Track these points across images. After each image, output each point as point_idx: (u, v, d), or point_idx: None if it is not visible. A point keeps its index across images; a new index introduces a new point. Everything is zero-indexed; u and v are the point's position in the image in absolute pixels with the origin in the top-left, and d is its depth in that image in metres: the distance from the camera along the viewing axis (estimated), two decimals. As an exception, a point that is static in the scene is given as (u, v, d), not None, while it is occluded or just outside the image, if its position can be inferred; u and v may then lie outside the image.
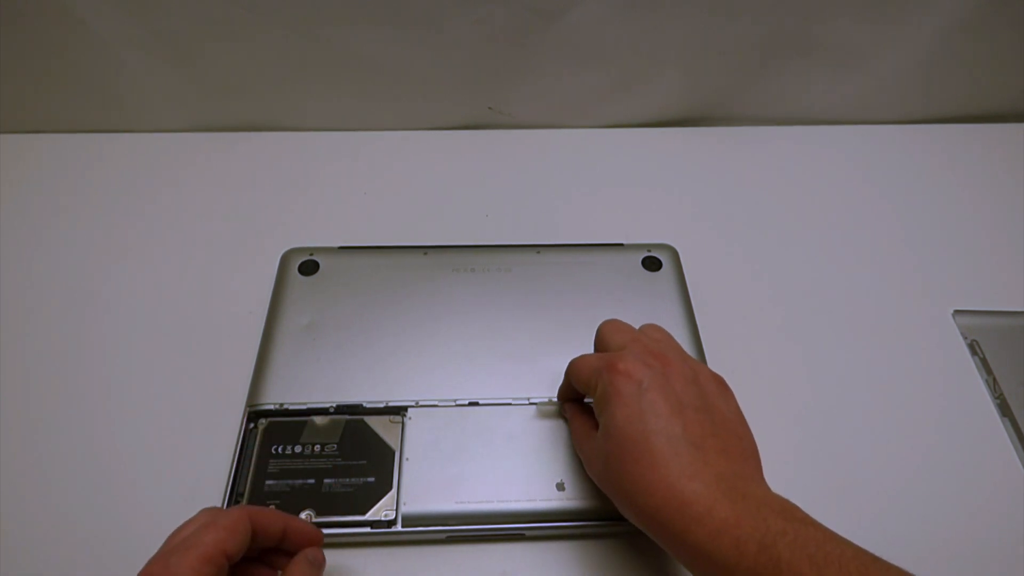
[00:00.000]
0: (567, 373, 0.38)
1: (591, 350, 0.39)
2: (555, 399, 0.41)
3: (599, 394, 0.34)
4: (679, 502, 0.29)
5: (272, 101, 0.61)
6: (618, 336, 0.36)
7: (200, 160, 0.60)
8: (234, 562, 0.30)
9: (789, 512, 0.29)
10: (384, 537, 0.37)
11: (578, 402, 0.39)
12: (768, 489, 0.31)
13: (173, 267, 0.51)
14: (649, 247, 0.49)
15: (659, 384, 0.32)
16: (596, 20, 0.55)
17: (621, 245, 0.50)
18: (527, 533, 0.38)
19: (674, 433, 0.31)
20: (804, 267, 0.53)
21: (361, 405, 0.41)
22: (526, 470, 0.39)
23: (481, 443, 0.39)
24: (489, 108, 0.62)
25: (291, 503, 0.37)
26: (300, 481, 0.38)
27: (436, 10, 0.54)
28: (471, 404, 0.41)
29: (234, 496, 0.37)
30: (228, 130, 0.62)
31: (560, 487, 0.38)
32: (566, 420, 0.40)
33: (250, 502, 0.37)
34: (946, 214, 0.57)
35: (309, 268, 0.47)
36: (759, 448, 0.33)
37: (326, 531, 0.37)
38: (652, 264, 0.48)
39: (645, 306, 0.46)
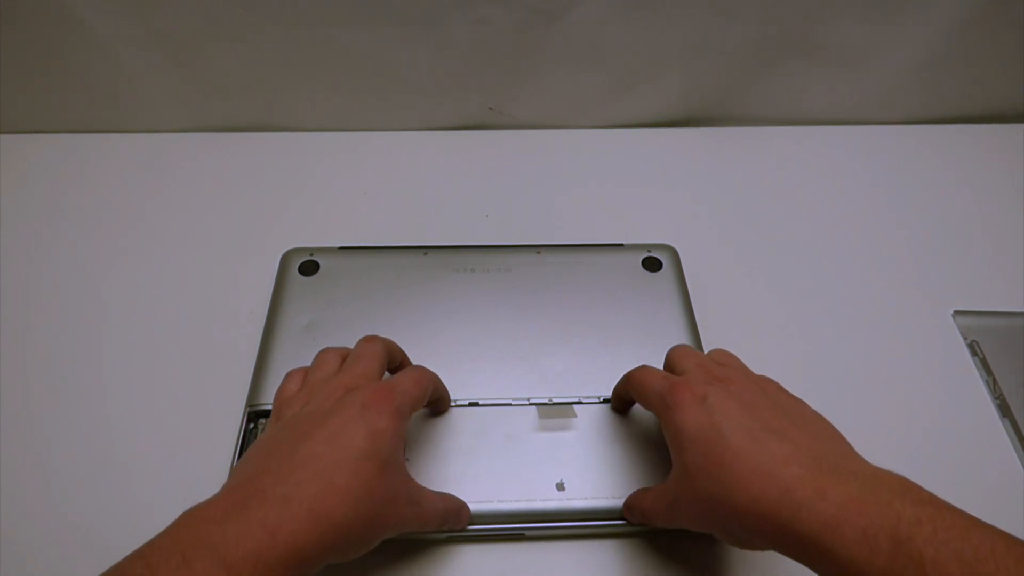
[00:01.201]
0: (628, 384, 0.37)
1: (591, 351, 0.39)
2: (555, 399, 0.41)
3: (664, 418, 0.32)
4: (780, 488, 0.26)
5: (272, 101, 0.61)
6: (684, 361, 0.35)
7: (200, 160, 0.60)
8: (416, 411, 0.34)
9: (914, 492, 0.25)
10: (384, 537, 0.37)
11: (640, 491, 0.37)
12: (874, 466, 0.28)
13: (173, 268, 0.51)
14: (649, 247, 0.49)
15: (723, 396, 0.31)
16: (596, 20, 0.55)
17: (621, 245, 0.50)
18: (527, 533, 0.38)
19: (751, 426, 0.29)
20: (804, 267, 0.53)
21: (361, 405, 0.41)
22: (526, 470, 0.38)
23: (481, 443, 0.39)
24: (489, 108, 0.62)
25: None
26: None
27: (436, 10, 0.54)
28: (471, 404, 0.41)
29: None
30: (228, 130, 0.62)
31: (560, 487, 0.38)
32: (636, 514, 0.37)
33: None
34: (946, 214, 0.57)
35: (309, 268, 0.47)
36: None
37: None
38: (652, 264, 0.48)
39: (645, 307, 0.46)
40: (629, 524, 0.37)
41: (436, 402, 0.39)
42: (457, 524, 0.36)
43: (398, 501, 0.31)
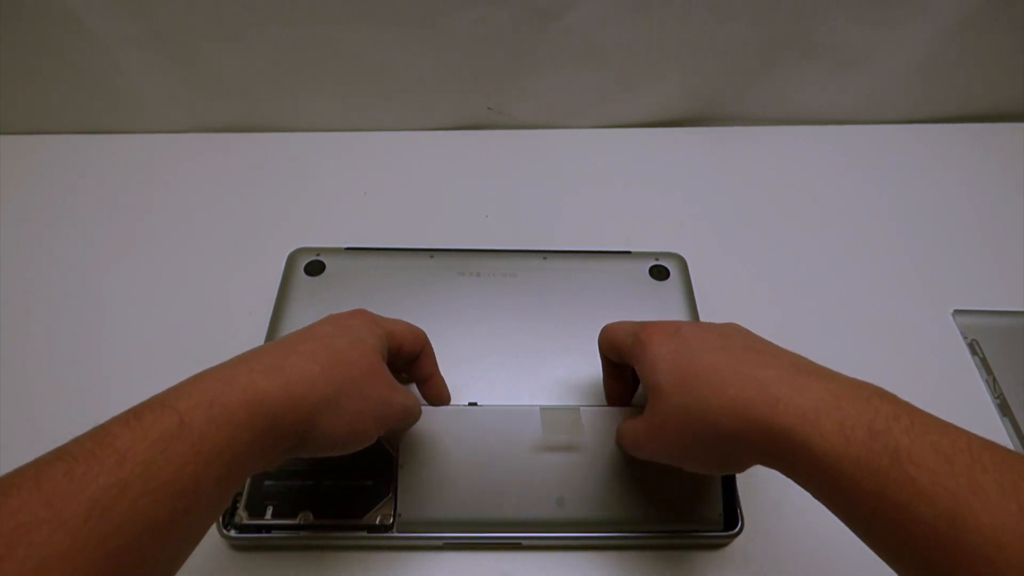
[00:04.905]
0: (601, 345, 0.37)
1: (595, 359, 0.38)
2: (557, 405, 0.40)
3: (636, 354, 0.32)
4: (756, 386, 0.26)
5: (272, 101, 0.61)
6: (629, 323, 0.35)
7: (200, 160, 0.60)
8: (399, 359, 0.35)
9: (892, 396, 0.25)
10: (380, 541, 0.37)
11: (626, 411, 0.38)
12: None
13: (173, 268, 0.51)
14: (657, 255, 0.49)
15: (695, 328, 0.31)
16: (596, 20, 0.55)
17: (628, 253, 0.49)
18: (524, 542, 0.37)
19: (723, 344, 0.29)
20: (804, 267, 0.53)
21: (362, 407, 0.41)
22: (526, 479, 0.38)
23: (481, 450, 0.39)
24: (489, 108, 0.62)
25: (289, 503, 0.37)
26: (298, 482, 0.37)
27: (436, 10, 0.54)
28: (470, 405, 0.41)
29: (232, 496, 0.37)
30: (228, 131, 0.62)
31: (559, 501, 0.37)
32: (627, 440, 0.36)
33: (248, 501, 0.37)
34: (946, 214, 0.57)
35: (315, 268, 0.47)
36: None
37: (323, 534, 0.37)
38: (660, 273, 0.48)
39: (652, 315, 0.44)
40: (626, 537, 0.37)
41: (426, 381, 0.39)
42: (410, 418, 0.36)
43: (368, 376, 0.30)
